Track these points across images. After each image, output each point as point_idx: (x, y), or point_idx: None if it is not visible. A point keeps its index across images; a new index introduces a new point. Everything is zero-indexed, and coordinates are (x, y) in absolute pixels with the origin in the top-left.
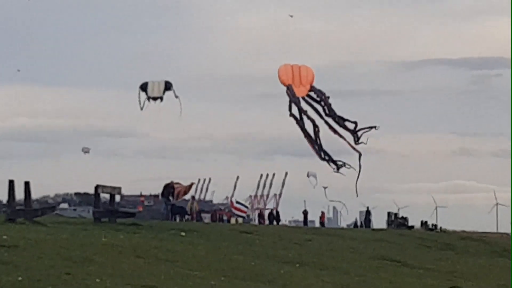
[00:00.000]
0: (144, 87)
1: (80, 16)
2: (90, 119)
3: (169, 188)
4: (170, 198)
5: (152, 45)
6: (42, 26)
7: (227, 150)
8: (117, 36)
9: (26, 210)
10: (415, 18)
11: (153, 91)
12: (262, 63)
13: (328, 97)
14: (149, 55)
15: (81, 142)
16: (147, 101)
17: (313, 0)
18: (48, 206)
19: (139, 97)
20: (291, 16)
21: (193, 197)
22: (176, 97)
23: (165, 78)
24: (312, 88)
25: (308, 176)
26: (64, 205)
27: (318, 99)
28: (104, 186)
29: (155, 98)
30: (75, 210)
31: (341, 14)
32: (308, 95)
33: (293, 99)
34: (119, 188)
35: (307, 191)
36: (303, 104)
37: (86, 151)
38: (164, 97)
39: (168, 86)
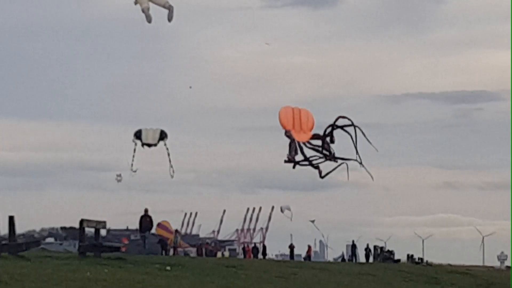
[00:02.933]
0: (138, 134)
1: (62, 48)
2: (73, 153)
3: (145, 218)
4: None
5: (135, 77)
6: (25, 59)
7: (211, 183)
8: (100, 69)
9: (10, 245)
10: (398, 52)
11: (147, 137)
12: (246, 96)
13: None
14: (132, 87)
15: (64, 175)
16: (140, 146)
17: (296, 33)
18: (33, 241)
19: (135, 148)
20: (268, 44)
21: (176, 231)
22: (167, 149)
23: (148, 110)
24: (315, 136)
25: (281, 210)
26: (50, 240)
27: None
28: (89, 220)
29: (149, 145)
30: (61, 244)
31: (325, 48)
32: (309, 142)
33: (293, 144)
34: (104, 222)
35: (294, 225)
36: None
37: (119, 179)
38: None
39: (163, 135)
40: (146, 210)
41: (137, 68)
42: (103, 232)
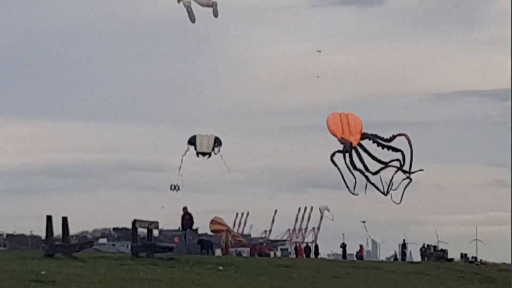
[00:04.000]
0: (192, 141)
1: (111, 48)
2: (123, 153)
3: (185, 216)
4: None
5: (184, 77)
6: (74, 60)
7: (262, 183)
8: (149, 69)
9: (64, 246)
10: (447, 50)
11: (202, 146)
12: (294, 95)
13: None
14: (181, 87)
15: (116, 176)
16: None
17: (343, 32)
18: (86, 241)
19: (185, 153)
20: (319, 51)
21: (227, 230)
22: (221, 157)
23: (197, 110)
24: (365, 136)
25: (321, 212)
26: (103, 240)
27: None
28: (141, 221)
29: (204, 154)
30: (114, 245)
31: (372, 46)
32: (359, 144)
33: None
34: (157, 223)
35: (346, 224)
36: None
37: (176, 188)
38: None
39: (217, 142)
40: (185, 209)
41: (186, 69)
42: (155, 232)
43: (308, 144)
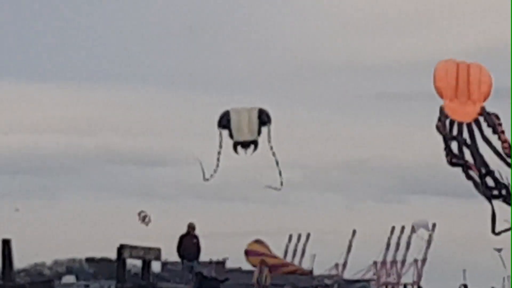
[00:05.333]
0: (225, 121)
1: None
2: (105, 136)
3: (189, 239)
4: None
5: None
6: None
7: (331, 187)
8: None
9: (6, 286)
10: None
11: (241, 127)
12: (391, 43)
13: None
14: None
15: (90, 171)
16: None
17: None
18: (41, 280)
19: (220, 144)
20: None
21: (262, 261)
22: (271, 147)
23: (240, 66)
24: (482, 112)
25: (415, 230)
26: (70, 278)
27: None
28: (133, 247)
29: (244, 144)
30: (87, 286)
31: None
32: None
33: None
34: (157, 250)
35: (467, 255)
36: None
37: (146, 219)
38: None
39: (263, 119)
40: (190, 227)
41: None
42: (156, 265)
43: (409, 121)
